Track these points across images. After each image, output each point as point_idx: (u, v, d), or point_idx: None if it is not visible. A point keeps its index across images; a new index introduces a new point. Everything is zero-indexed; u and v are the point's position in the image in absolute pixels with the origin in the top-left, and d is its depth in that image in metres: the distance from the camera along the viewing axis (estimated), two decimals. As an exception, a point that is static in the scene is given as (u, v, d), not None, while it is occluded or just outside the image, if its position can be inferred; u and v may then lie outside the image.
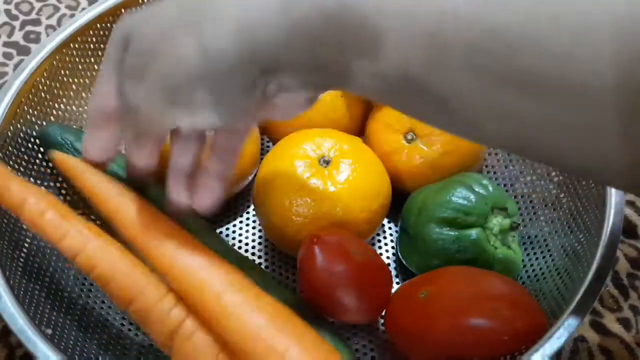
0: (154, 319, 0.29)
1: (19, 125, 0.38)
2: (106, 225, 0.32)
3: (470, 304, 0.30)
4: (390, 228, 0.45)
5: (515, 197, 0.43)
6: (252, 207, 0.46)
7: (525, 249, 0.40)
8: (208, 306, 0.29)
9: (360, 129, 0.45)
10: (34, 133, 0.39)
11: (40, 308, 0.33)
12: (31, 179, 0.37)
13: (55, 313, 0.34)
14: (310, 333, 0.30)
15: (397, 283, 0.41)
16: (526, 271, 0.38)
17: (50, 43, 0.39)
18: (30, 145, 0.38)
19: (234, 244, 0.44)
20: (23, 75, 0.38)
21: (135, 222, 0.31)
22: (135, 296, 0.29)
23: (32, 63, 0.38)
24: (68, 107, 0.41)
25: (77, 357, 0.32)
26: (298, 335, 0.29)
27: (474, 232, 0.35)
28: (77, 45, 0.40)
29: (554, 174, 0.41)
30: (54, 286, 0.35)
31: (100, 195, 0.31)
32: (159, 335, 0.30)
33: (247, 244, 0.44)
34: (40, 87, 0.39)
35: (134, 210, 0.31)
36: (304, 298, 0.36)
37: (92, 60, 0.44)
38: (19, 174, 0.36)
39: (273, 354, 0.28)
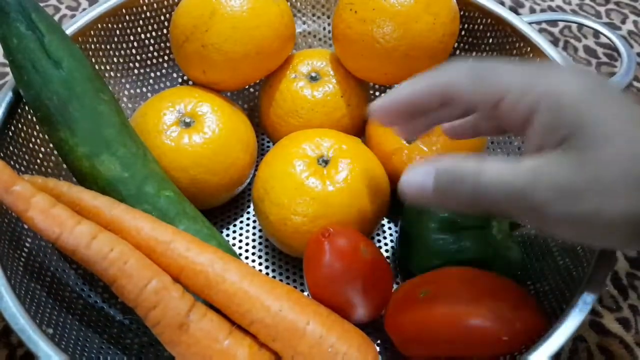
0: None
1: (19, 125, 0.38)
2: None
3: (470, 304, 0.31)
4: (390, 228, 0.45)
5: (515, 197, 0.43)
6: (252, 207, 0.46)
7: (525, 249, 0.40)
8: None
9: (360, 129, 0.45)
10: (35, 133, 0.39)
11: (42, 307, 0.33)
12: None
13: (56, 312, 0.34)
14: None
15: (397, 283, 0.41)
16: (526, 271, 0.38)
17: (51, 43, 0.39)
18: (31, 145, 0.39)
19: (234, 244, 0.44)
20: (24, 76, 0.38)
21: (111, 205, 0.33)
22: (152, 277, 0.30)
23: (33, 63, 0.38)
24: (69, 107, 0.41)
25: (77, 356, 0.33)
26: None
27: (473, 233, 0.35)
28: (78, 46, 0.40)
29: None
30: (55, 286, 0.35)
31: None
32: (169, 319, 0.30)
33: (247, 244, 0.44)
34: (41, 87, 0.39)
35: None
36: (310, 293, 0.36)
37: (93, 60, 0.44)
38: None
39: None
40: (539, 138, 0.25)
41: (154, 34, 0.47)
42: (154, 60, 0.48)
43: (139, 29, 0.47)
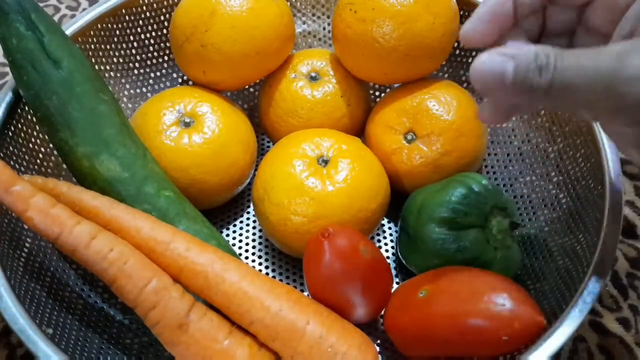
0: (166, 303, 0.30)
1: (19, 125, 0.38)
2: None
3: (470, 303, 0.31)
4: (390, 228, 0.45)
5: (514, 197, 0.43)
6: (252, 207, 0.46)
7: (525, 249, 0.40)
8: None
9: (360, 129, 0.45)
10: (35, 133, 0.39)
11: (41, 308, 0.33)
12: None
13: (56, 312, 0.34)
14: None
15: (397, 283, 0.41)
16: (526, 271, 0.39)
17: (51, 43, 0.39)
18: (31, 145, 0.39)
19: (234, 244, 0.44)
20: (24, 76, 0.38)
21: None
22: (151, 277, 0.30)
23: (33, 63, 0.38)
24: (69, 107, 0.41)
25: (77, 356, 0.33)
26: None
27: (473, 232, 0.35)
28: (77, 46, 0.40)
29: (553, 174, 0.41)
30: (54, 286, 0.35)
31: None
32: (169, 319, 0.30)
33: (247, 244, 0.44)
34: (41, 87, 0.39)
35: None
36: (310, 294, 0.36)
37: (93, 60, 0.44)
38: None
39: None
40: (636, 21, 0.25)
41: (154, 34, 0.47)
42: (154, 60, 0.48)
43: (139, 29, 0.47)
